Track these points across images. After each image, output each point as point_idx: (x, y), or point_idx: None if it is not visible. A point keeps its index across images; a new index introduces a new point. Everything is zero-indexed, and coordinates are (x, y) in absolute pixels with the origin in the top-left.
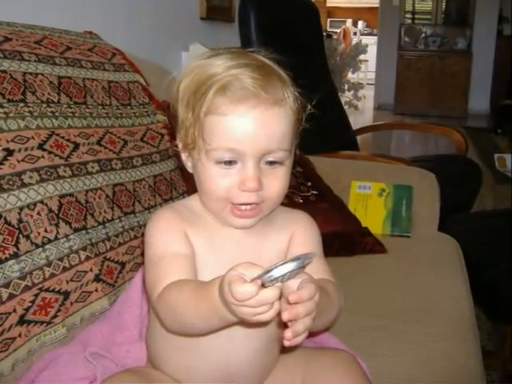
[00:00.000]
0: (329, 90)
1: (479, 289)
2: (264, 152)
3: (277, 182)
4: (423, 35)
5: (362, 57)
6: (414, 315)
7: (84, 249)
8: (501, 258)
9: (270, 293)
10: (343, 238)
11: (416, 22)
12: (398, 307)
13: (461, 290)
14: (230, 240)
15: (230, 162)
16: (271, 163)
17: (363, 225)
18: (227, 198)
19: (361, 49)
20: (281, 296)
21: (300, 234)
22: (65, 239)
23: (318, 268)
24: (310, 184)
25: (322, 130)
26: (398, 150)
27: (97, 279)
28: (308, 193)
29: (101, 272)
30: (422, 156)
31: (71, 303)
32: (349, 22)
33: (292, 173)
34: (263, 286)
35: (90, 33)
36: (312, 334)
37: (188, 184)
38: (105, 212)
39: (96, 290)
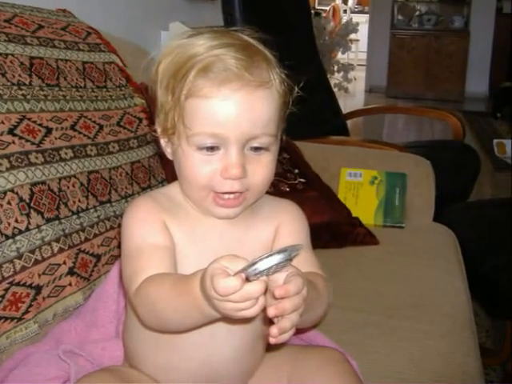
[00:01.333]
0: (317, 72)
1: (477, 283)
2: (248, 137)
3: (262, 169)
4: (417, 13)
5: (352, 36)
6: (408, 311)
7: (57, 240)
8: (501, 250)
9: (255, 287)
10: (332, 228)
11: None
12: (390, 302)
13: (457, 284)
14: (212, 231)
15: (212, 148)
16: (256, 149)
17: (354, 215)
18: (209, 187)
19: (351, 27)
20: (266, 290)
21: (287, 224)
22: (37, 230)
23: (306, 261)
24: (297, 171)
25: (309, 114)
26: (390, 136)
27: (71, 272)
28: (295, 181)
29: (75, 265)
30: (417, 142)
31: (43, 298)
32: None
33: (278, 159)
34: (247, 279)
35: (64, 11)
36: (299, 331)
37: (167, 171)
38: (79, 201)
39: (70, 284)
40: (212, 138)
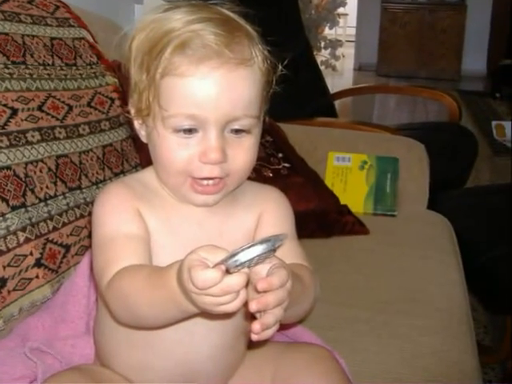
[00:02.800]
0: (303, 48)
1: (475, 275)
2: (228, 119)
3: (243, 153)
4: None
5: (340, 10)
6: (400, 306)
7: (23, 229)
8: (500, 240)
9: (236, 280)
10: (319, 217)
11: None
12: (381, 296)
13: (453, 277)
14: (190, 219)
15: (189, 131)
16: (237, 132)
17: (342, 202)
18: (187, 172)
19: (339, 1)
20: (248, 284)
21: (270, 212)
22: (1, 218)
23: (291, 251)
24: (281, 155)
25: (294, 94)
26: (381, 117)
27: (38, 264)
28: (279, 165)
29: (42, 256)
30: (410, 124)
31: (8, 291)
32: None
33: (261, 143)
34: (228, 271)
35: None
36: (284, 327)
37: (142, 155)
38: (47, 187)
39: (37, 277)
40: (189, 119)
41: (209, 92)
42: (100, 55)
